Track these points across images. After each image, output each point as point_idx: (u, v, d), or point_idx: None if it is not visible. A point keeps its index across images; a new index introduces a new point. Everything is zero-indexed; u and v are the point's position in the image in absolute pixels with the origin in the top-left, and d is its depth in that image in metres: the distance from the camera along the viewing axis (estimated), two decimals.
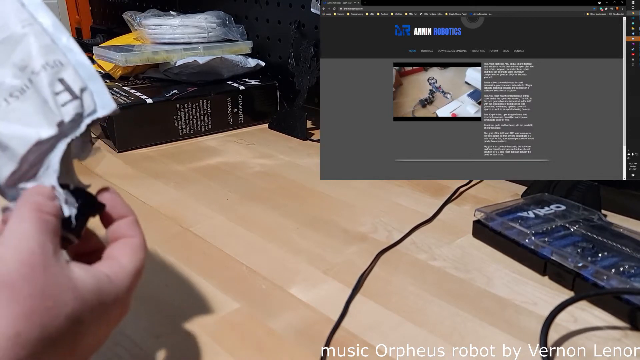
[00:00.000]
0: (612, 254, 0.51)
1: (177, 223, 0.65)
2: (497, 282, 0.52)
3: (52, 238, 0.28)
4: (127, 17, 1.18)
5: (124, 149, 0.90)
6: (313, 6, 0.93)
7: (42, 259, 0.27)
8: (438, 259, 0.56)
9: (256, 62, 1.10)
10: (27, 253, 0.27)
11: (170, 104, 0.93)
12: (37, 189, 0.31)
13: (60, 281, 0.27)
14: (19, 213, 0.29)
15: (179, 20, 1.08)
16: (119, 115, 0.87)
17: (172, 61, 1.02)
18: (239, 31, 1.13)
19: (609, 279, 0.48)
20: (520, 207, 0.60)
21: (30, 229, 0.28)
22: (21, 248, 0.27)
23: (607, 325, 0.46)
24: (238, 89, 1.01)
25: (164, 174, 0.80)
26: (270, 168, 0.82)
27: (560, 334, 0.45)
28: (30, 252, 0.27)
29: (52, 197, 0.31)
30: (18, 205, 0.29)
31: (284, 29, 1.08)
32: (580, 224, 0.56)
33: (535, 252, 0.53)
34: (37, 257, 0.27)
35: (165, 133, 0.94)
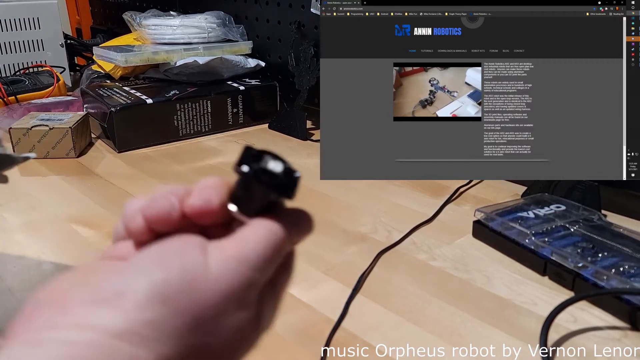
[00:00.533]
0: (612, 254, 0.51)
1: None
2: (497, 283, 0.52)
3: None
4: (127, 17, 1.18)
5: (124, 149, 0.90)
6: (313, 6, 0.93)
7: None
8: (438, 259, 0.56)
9: (256, 62, 1.10)
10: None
11: (171, 104, 0.93)
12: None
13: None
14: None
15: (179, 20, 1.08)
16: (119, 116, 0.87)
17: (172, 61, 1.02)
18: (239, 31, 1.13)
19: (609, 279, 0.48)
20: (520, 207, 0.60)
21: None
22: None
23: (607, 326, 0.46)
24: (238, 89, 1.01)
25: (164, 174, 0.80)
26: None
27: (561, 334, 0.45)
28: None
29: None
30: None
31: (284, 29, 1.08)
32: (580, 224, 0.56)
33: (535, 252, 0.53)
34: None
35: (165, 133, 0.94)
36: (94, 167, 0.83)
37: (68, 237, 0.63)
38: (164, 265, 0.23)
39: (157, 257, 0.23)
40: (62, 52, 1.26)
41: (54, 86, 1.13)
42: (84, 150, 0.90)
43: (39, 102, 1.06)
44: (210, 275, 0.23)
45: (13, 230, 0.64)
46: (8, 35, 1.20)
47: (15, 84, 1.09)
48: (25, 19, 1.21)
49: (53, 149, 0.85)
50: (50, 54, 1.25)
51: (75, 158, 0.86)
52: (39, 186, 0.77)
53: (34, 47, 1.23)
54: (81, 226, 0.65)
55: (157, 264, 0.23)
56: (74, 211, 0.69)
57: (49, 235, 0.64)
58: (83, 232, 0.63)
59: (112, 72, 1.08)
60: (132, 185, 0.76)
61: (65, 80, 1.20)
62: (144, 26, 1.10)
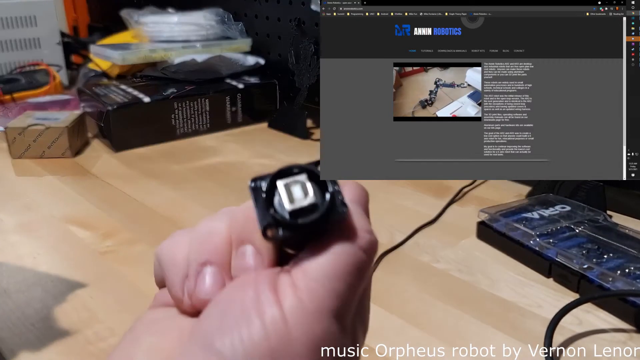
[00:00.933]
0: (618, 256, 0.50)
1: (174, 225, 0.64)
2: (501, 285, 0.51)
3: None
4: (124, 14, 1.17)
5: (121, 149, 0.88)
6: (314, 3, 0.92)
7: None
8: (441, 261, 0.55)
9: (255, 60, 1.09)
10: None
11: (168, 103, 0.92)
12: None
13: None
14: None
15: (177, 17, 1.07)
16: (116, 115, 0.86)
17: (170, 59, 1.01)
18: (238, 29, 1.12)
19: (614, 280, 0.47)
20: (524, 207, 0.59)
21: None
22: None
23: (613, 328, 0.46)
24: (237, 87, 1.00)
25: (162, 174, 0.80)
26: (269, 168, 0.81)
27: (565, 336, 0.44)
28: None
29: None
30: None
31: (284, 27, 1.07)
32: (585, 225, 0.55)
33: (540, 254, 0.53)
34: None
35: (162, 132, 0.93)
36: (90, 166, 0.82)
37: (64, 238, 0.62)
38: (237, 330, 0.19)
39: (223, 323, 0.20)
40: (58, 50, 1.25)
41: (50, 85, 1.12)
42: (80, 149, 0.88)
43: (35, 100, 1.05)
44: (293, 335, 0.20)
45: (8, 231, 0.63)
46: (4, 33, 1.19)
47: (11, 82, 1.08)
48: (22, 17, 1.20)
49: (49, 149, 0.84)
50: (47, 52, 1.24)
51: (72, 158, 0.85)
52: (34, 186, 0.76)
53: (30, 45, 1.22)
54: (77, 227, 0.64)
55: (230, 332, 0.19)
56: (70, 211, 0.68)
57: (44, 236, 0.63)
58: (79, 232, 0.63)
59: (109, 71, 1.07)
60: (129, 185, 0.75)
61: (62, 79, 1.19)
62: (141, 24, 1.09)
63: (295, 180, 0.21)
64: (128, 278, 0.54)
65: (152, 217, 0.66)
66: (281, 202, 0.21)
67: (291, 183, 0.21)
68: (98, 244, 0.60)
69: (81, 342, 0.45)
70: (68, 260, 0.58)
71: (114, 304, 0.51)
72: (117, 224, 0.64)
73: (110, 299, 0.51)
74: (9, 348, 0.44)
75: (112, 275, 0.55)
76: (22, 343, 0.45)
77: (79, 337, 0.46)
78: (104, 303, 0.50)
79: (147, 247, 0.59)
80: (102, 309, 0.49)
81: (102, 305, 0.50)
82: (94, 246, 0.60)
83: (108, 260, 0.57)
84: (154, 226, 0.64)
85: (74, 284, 0.53)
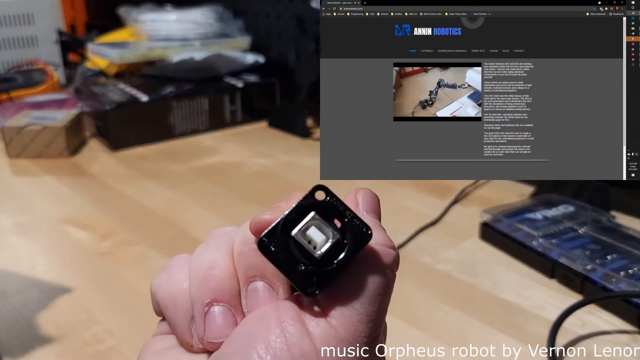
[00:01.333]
0: (621, 256, 0.50)
1: (172, 225, 0.64)
2: (504, 286, 0.51)
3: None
4: (122, 12, 1.17)
5: (118, 148, 0.88)
6: (314, 0, 0.91)
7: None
8: (443, 263, 0.55)
9: (255, 58, 1.08)
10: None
11: (166, 102, 0.92)
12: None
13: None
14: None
15: (175, 15, 1.06)
16: (114, 114, 0.86)
17: (168, 58, 1.01)
18: (237, 26, 1.11)
19: (617, 281, 0.47)
20: (527, 208, 0.59)
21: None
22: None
23: (616, 329, 0.45)
24: (236, 86, 0.99)
25: (160, 174, 0.79)
26: (269, 168, 0.81)
27: (569, 338, 0.44)
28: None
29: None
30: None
31: (284, 24, 1.06)
32: (588, 225, 0.55)
33: (543, 255, 0.52)
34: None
35: (161, 132, 0.92)
36: (88, 166, 0.82)
37: (61, 239, 0.62)
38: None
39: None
40: (56, 49, 1.25)
41: (48, 83, 1.11)
42: (77, 149, 0.88)
43: (32, 99, 1.04)
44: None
45: (5, 232, 0.63)
46: (1, 31, 1.18)
47: (8, 81, 1.07)
48: (19, 15, 1.19)
49: (46, 149, 0.83)
50: (44, 51, 1.23)
51: (69, 157, 0.84)
52: (31, 186, 0.76)
53: (27, 43, 1.22)
54: (75, 227, 0.63)
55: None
56: (68, 212, 0.67)
57: (42, 237, 0.63)
58: (77, 233, 0.62)
59: (107, 69, 1.06)
60: (127, 185, 0.75)
61: (59, 78, 1.18)
62: (139, 21, 1.08)
63: (306, 223, 0.20)
64: (126, 279, 0.54)
65: (151, 217, 0.66)
66: (305, 254, 0.20)
67: (303, 229, 0.20)
68: (96, 245, 0.60)
69: (79, 343, 0.45)
70: (65, 262, 0.57)
71: (112, 306, 0.50)
72: (115, 225, 0.64)
73: (108, 300, 0.51)
74: (6, 349, 0.44)
75: (110, 276, 0.55)
76: (20, 344, 0.45)
77: (76, 338, 0.45)
78: (101, 304, 0.50)
79: (145, 248, 0.59)
80: (99, 311, 0.49)
81: (99, 307, 0.49)
82: (91, 247, 0.59)
83: (106, 261, 0.57)
84: (152, 227, 0.64)
85: (71, 285, 0.52)
